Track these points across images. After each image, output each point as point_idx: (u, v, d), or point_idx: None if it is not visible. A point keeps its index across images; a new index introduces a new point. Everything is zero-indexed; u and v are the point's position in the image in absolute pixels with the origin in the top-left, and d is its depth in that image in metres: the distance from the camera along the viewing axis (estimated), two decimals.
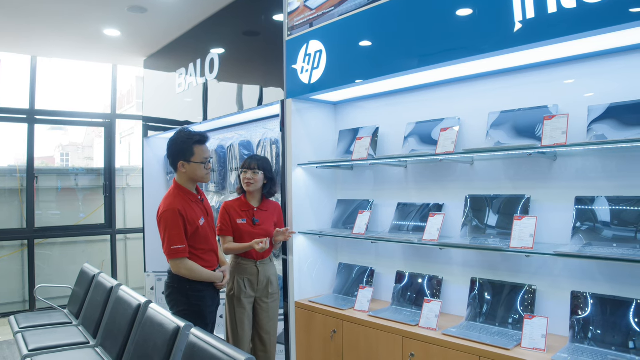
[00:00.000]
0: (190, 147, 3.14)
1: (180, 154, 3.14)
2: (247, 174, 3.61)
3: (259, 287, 3.57)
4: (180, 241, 3.04)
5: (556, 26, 2.44)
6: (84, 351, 3.78)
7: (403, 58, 3.13)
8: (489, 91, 3.20)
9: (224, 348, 2.41)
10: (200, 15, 5.14)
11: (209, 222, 3.28)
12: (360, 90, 3.70)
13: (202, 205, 3.27)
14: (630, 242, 2.51)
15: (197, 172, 3.17)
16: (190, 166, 3.15)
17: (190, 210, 3.11)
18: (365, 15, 3.36)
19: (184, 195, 3.16)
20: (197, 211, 3.18)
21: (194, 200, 3.21)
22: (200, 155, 3.16)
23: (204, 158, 3.18)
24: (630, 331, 2.46)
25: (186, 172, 3.17)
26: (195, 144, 3.15)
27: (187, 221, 3.07)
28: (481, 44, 2.73)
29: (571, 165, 2.83)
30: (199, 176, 3.19)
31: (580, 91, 2.78)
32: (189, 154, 3.13)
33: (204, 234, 3.19)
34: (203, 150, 3.19)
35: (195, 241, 3.13)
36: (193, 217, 3.11)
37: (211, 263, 3.26)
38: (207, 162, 3.21)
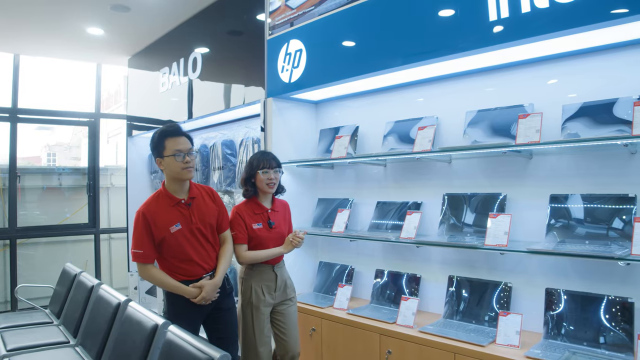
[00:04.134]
0: (161, 141, 2.91)
1: (155, 150, 2.94)
2: (269, 174, 3.22)
3: (277, 292, 3.23)
4: (140, 245, 2.86)
5: (529, 26, 2.48)
6: (63, 350, 3.76)
7: (381, 57, 3.16)
8: (467, 90, 3.23)
9: (200, 345, 2.41)
10: (183, 14, 5.14)
11: (193, 228, 2.96)
12: (341, 89, 3.72)
13: (186, 210, 2.95)
14: (601, 239, 2.55)
15: (172, 166, 2.89)
16: (165, 161, 2.90)
17: (163, 215, 2.88)
18: (345, 14, 3.38)
19: (161, 199, 2.94)
20: (173, 216, 2.90)
21: (173, 204, 2.92)
22: (172, 147, 2.88)
23: (175, 150, 2.87)
24: (601, 327, 2.50)
25: (165, 169, 2.94)
26: (166, 137, 2.92)
27: (155, 226, 2.85)
28: (457, 43, 2.77)
29: (546, 163, 2.86)
30: (174, 171, 2.89)
31: (555, 90, 2.82)
32: (161, 147, 2.90)
33: (176, 242, 2.90)
34: (175, 142, 2.91)
35: (164, 249, 2.91)
36: (163, 222, 2.87)
37: (190, 273, 2.95)
38: (181, 154, 2.89)
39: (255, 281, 3.21)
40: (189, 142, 2.98)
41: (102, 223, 7.19)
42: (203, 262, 2.99)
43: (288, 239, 3.24)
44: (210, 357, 2.29)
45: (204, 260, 3.00)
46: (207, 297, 2.94)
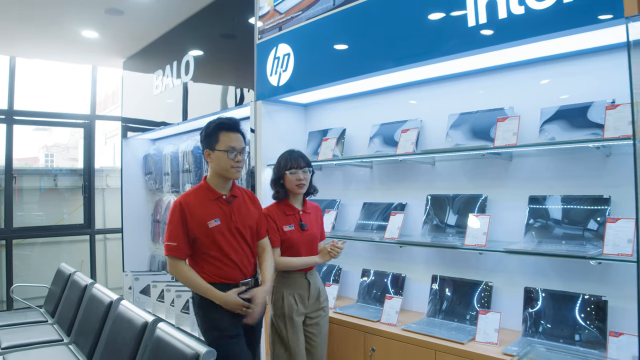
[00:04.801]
0: (216, 132, 2.74)
1: (206, 140, 2.77)
2: (298, 174, 3.05)
3: (310, 301, 3.04)
4: (174, 237, 2.68)
5: (506, 31, 2.56)
6: (57, 348, 3.84)
7: (366, 61, 3.23)
8: (450, 93, 3.30)
9: (186, 340, 2.50)
10: (177, 17, 5.21)
11: (232, 227, 2.77)
12: (329, 92, 3.80)
13: (226, 207, 2.78)
14: (577, 239, 2.62)
15: (221, 162, 2.73)
16: (215, 155, 2.74)
17: (201, 208, 2.72)
18: (331, 20, 3.46)
19: (201, 192, 2.78)
20: (212, 210, 2.73)
21: (214, 198, 2.77)
22: (226, 142, 2.72)
23: (228, 146, 2.71)
24: (577, 324, 2.58)
25: (212, 163, 2.77)
26: (222, 129, 2.75)
27: (191, 218, 2.68)
28: (437, 48, 2.85)
29: (526, 165, 2.94)
30: (222, 168, 2.74)
31: (534, 93, 2.90)
32: (214, 140, 2.73)
33: (213, 239, 2.71)
34: (230, 137, 2.74)
35: (199, 245, 2.72)
36: (201, 215, 2.70)
37: (227, 275, 2.74)
38: (234, 153, 2.73)
39: (288, 290, 3.01)
40: (243, 141, 2.81)
41: (97, 224, 7.26)
42: (242, 265, 2.79)
43: (326, 248, 3.00)
44: (196, 352, 2.37)
45: (243, 264, 2.79)
46: (257, 310, 2.72)
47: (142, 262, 6.58)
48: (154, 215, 6.49)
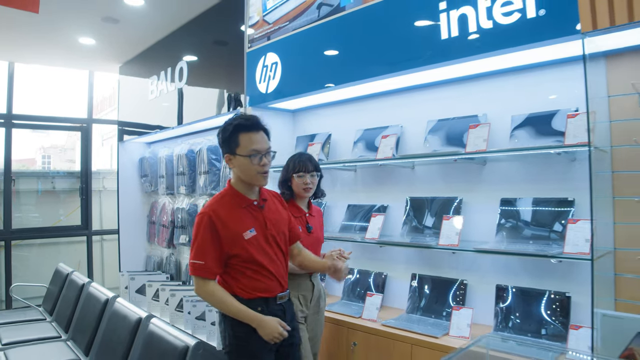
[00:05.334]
0: (235, 135, 2.41)
1: (226, 144, 2.45)
2: (305, 178, 3.06)
3: (312, 303, 3.03)
4: (202, 256, 2.38)
5: (476, 44, 2.74)
6: (55, 344, 4.02)
7: (348, 70, 3.41)
8: (429, 101, 3.48)
9: (177, 334, 2.69)
10: (171, 25, 5.38)
11: (268, 235, 2.51)
12: (316, 99, 3.97)
13: (259, 213, 2.51)
14: (544, 240, 2.80)
15: (245, 168, 2.42)
16: (237, 160, 2.42)
17: (233, 218, 2.42)
18: (316, 30, 3.63)
19: (228, 199, 2.48)
20: (246, 220, 2.45)
21: (245, 205, 2.49)
22: (247, 145, 2.39)
23: (251, 149, 2.39)
24: (543, 319, 2.75)
25: (235, 168, 2.47)
26: (241, 131, 2.41)
27: (224, 232, 2.39)
28: (414, 59, 3.03)
29: (498, 169, 3.12)
30: (248, 174, 2.44)
31: (506, 101, 3.07)
32: (234, 143, 2.41)
33: (249, 252, 2.43)
34: (252, 138, 2.40)
35: (239, 259, 2.44)
36: (235, 227, 2.41)
37: (267, 287, 2.49)
38: (257, 155, 2.41)
39: (293, 292, 2.92)
40: (267, 140, 2.49)
41: (94, 225, 7.42)
42: (279, 276, 2.54)
43: (332, 256, 2.83)
44: (186, 344, 2.56)
45: (280, 275, 2.55)
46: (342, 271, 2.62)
47: (138, 263, 6.74)
48: (150, 217, 6.66)
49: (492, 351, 2.20)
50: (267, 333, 2.36)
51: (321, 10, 3.57)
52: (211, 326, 4.59)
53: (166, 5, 4.82)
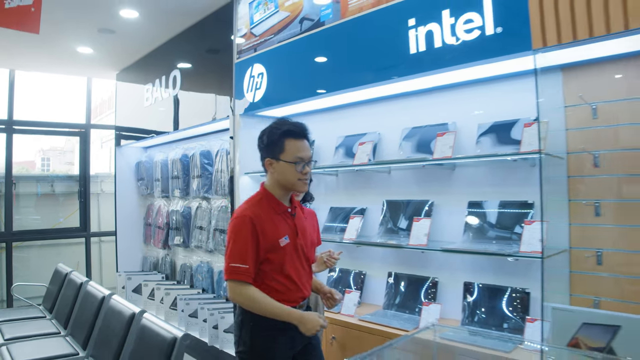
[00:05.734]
0: (281, 140, 2.38)
1: (268, 148, 2.42)
2: None
3: None
4: (243, 259, 2.30)
5: (441, 58, 2.96)
6: (54, 339, 4.24)
7: (327, 81, 3.64)
8: (405, 109, 3.71)
9: (167, 327, 2.92)
10: (165, 35, 5.60)
11: (298, 244, 2.47)
12: (301, 107, 4.19)
13: (291, 221, 2.49)
14: (506, 240, 3.03)
15: (287, 174, 2.38)
16: (279, 165, 2.38)
17: (270, 223, 2.39)
18: (297, 44, 3.86)
19: (266, 203, 2.44)
20: (281, 226, 2.42)
21: (280, 211, 2.46)
22: (293, 152, 2.36)
23: (296, 157, 2.36)
24: (505, 313, 2.98)
25: (275, 173, 2.42)
26: (288, 137, 2.38)
27: (263, 236, 2.34)
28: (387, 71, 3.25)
29: (466, 174, 3.35)
30: (289, 180, 2.40)
31: (474, 110, 3.30)
32: (278, 149, 2.37)
33: (283, 259, 2.40)
34: (297, 146, 2.38)
35: (269, 265, 2.38)
36: (272, 233, 2.37)
37: (290, 296, 2.43)
38: (301, 163, 2.38)
39: None
40: (310, 148, 2.47)
41: (92, 227, 7.64)
42: (302, 285, 2.49)
43: (322, 258, 2.92)
44: (174, 336, 2.79)
45: (303, 284, 2.50)
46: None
47: (135, 263, 6.96)
48: (146, 219, 6.89)
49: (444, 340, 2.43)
50: (308, 328, 2.28)
51: (303, 25, 3.80)
52: (203, 323, 4.83)
53: (159, 18, 5.05)
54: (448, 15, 2.91)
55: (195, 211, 5.68)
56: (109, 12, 4.87)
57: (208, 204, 5.53)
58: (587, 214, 2.83)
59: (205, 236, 5.45)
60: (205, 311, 4.79)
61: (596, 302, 2.78)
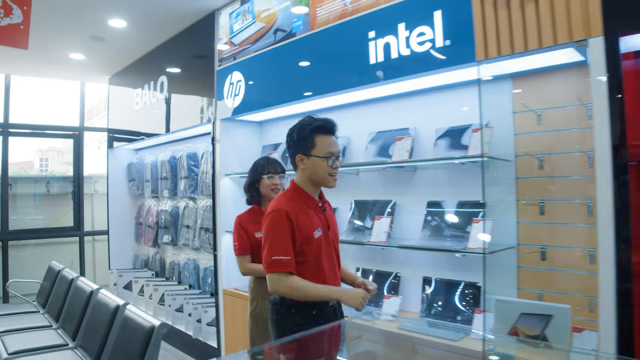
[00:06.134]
0: (312, 136, 2.44)
1: (299, 144, 2.47)
2: (274, 179, 3.29)
3: None
4: (285, 251, 2.34)
5: (398, 68, 3.21)
6: (46, 331, 4.49)
7: (297, 89, 3.89)
8: (371, 114, 3.94)
9: (147, 317, 3.16)
10: (154, 42, 5.85)
11: (328, 237, 2.55)
12: (276, 112, 4.43)
13: (322, 215, 2.56)
14: (459, 237, 3.26)
15: (318, 169, 2.44)
16: (310, 161, 2.45)
17: (304, 217, 2.44)
18: (271, 53, 4.12)
19: (297, 198, 2.49)
20: (314, 220, 2.48)
21: (313, 206, 2.52)
22: (324, 147, 2.44)
23: (327, 152, 2.44)
24: (457, 307, 3.22)
25: (306, 169, 2.48)
26: (319, 132, 2.46)
27: (298, 230, 2.38)
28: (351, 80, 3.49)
29: (426, 175, 3.59)
30: (320, 175, 2.46)
31: (433, 115, 3.52)
32: (309, 144, 2.44)
33: (317, 252, 2.45)
34: (328, 142, 2.46)
35: (304, 257, 2.42)
36: (307, 225, 2.42)
37: None
38: (332, 158, 2.46)
39: (264, 291, 3.02)
40: (338, 143, 2.55)
41: (86, 226, 7.89)
42: (332, 281, 2.55)
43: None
44: (152, 324, 3.03)
45: (336, 278, 2.58)
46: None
47: (127, 261, 7.22)
48: (137, 219, 7.14)
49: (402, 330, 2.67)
50: (355, 302, 2.35)
51: (277, 35, 4.04)
52: (188, 317, 5.07)
53: (146, 26, 5.29)
54: (404, 28, 3.16)
55: (183, 211, 5.93)
56: (99, 22, 5.12)
57: (194, 204, 5.77)
58: (532, 213, 3.06)
59: (192, 235, 5.70)
60: (190, 306, 5.05)
61: (540, 295, 3.01)
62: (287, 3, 3.98)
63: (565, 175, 2.92)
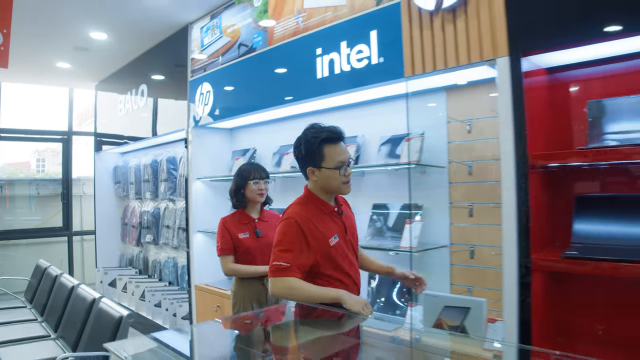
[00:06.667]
0: (320, 148, 2.43)
1: (308, 157, 2.47)
2: (260, 184, 3.43)
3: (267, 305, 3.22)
4: (285, 258, 2.33)
5: (340, 83, 3.53)
6: (31, 324, 4.84)
7: (258, 100, 4.22)
8: (327, 123, 4.20)
9: (117, 308, 3.50)
10: (134, 52, 6.17)
11: (347, 241, 2.56)
12: (247, 119, 4.76)
13: (339, 220, 2.55)
14: (397, 237, 3.55)
15: (331, 180, 2.45)
16: (322, 173, 2.45)
17: (320, 224, 2.44)
18: (235, 66, 4.45)
19: (312, 205, 2.50)
20: (330, 226, 2.47)
21: (328, 212, 2.52)
22: (333, 157, 2.43)
23: (338, 162, 2.43)
24: (395, 302, 3.54)
25: (318, 181, 2.49)
26: (325, 143, 2.45)
27: (312, 238, 2.38)
28: (302, 92, 3.82)
29: (373, 180, 3.91)
30: (333, 186, 2.47)
31: (380, 124, 3.83)
32: (319, 157, 2.44)
33: (333, 257, 2.44)
34: (337, 150, 2.45)
35: (322, 265, 2.41)
36: (321, 233, 2.42)
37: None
38: (344, 166, 2.45)
39: (246, 294, 3.19)
40: (346, 148, 2.55)
41: (75, 226, 8.23)
42: (357, 279, 2.59)
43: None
44: (121, 314, 3.36)
45: (357, 278, 2.59)
46: None
47: (113, 260, 7.55)
48: (123, 219, 7.47)
49: None
50: (356, 308, 2.25)
51: (240, 50, 4.37)
52: (165, 312, 5.40)
53: (127, 38, 5.62)
54: (345, 46, 3.49)
55: (163, 212, 6.25)
56: (81, 34, 5.45)
57: (174, 205, 6.10)
58: (463, 215, 3.37)
59: (171, 234, 6.02)
60: (167, 301, 5.38)
61: (470, 290, 3.33)
62: (250, 20, 4.30)
63: (489, 180, 3.23)
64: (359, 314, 2.24)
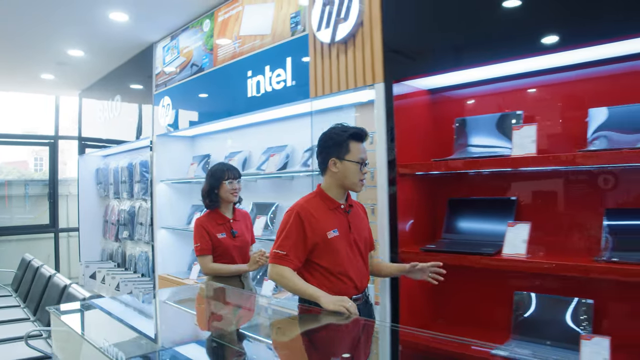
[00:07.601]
0: (347, 142, 2.54)
1: (334, 148, 2.56)
2: (234, 184, 3.50)
3: None
4: (284, 247, 2.46)
5: (266, 100, 4.16)
6: (14, 309, 5.48)
7: (207, 112, 4.86)
8: (265, 132, 4.87)
9: (81, 290, 4.11)
10: (110, 66, 6.84)
11: (351, 239, 2.58)
12: (204, 128, 5.37)
13: (344, 217, 2.61)
14: None
15: (350, 174, 2.54)
16: (343, 165, 2.54)
17: (321, 216, 2.53)
18: (187, 83, 5.10)
19: (319, 200, 2.61)
20: (331, 220, 2.55)
21: (334, 207, 2.59)
22: (357, 153, 2.54)
23: (360, 158, 2.54)
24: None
25: (337, 173, 2.56)
26: (352, 138, 2.56)
27: (310, 228, 2.48)
28: (238, 107, 4.46)
29: (300, 183, 4.50)
30: (350, 180, 2.55)
31: (305, 135, 4.41)
32: (344, 149, 2.54)
33: (331, 251, 2.51)
34: (360, 149, 2.57)
35: (319, 257, 2.51)
36: (320, 225, 2.50)
37: (341, 290, 2.47)
38: (363, 164, 2.56)
39: None
40: None
41: (61, 224, 8.90)
42: (358, 280, 2.58)
43: (254, 258, 3.27)
44: (83, 296, 3.99)
45: (359, 279, 2.59)
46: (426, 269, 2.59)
47: (95, 254, 8.21)
48: (104, 217, 8.14)
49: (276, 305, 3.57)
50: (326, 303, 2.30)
51: (192, 69, 5.03)
52: None
53: (101, 55, 6.29)
54: (269, 69, 4.12)
55: (138, 210, 6.90)
56: (60, 52, 6.12)
57: (146, 204, 6.74)
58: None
59: (144, 230, 6.67)
60: (137, 290, 6.02)
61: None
62: (200, 43, 4.96)
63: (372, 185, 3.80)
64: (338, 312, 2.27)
